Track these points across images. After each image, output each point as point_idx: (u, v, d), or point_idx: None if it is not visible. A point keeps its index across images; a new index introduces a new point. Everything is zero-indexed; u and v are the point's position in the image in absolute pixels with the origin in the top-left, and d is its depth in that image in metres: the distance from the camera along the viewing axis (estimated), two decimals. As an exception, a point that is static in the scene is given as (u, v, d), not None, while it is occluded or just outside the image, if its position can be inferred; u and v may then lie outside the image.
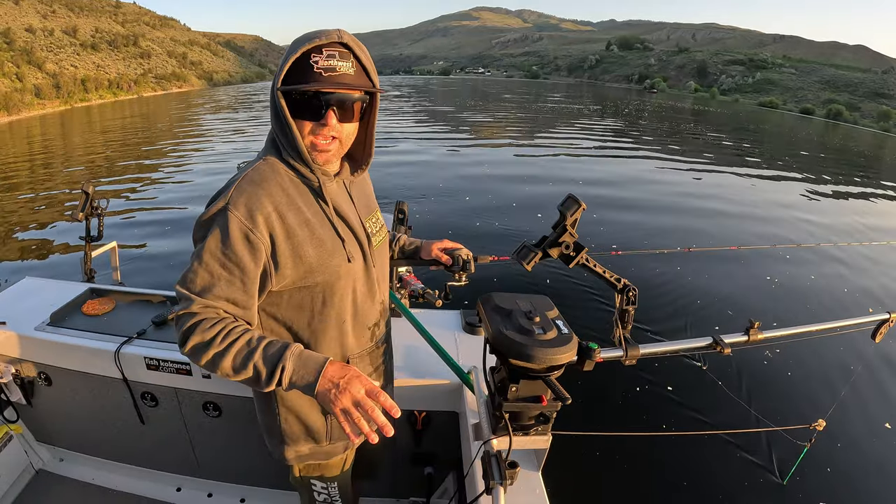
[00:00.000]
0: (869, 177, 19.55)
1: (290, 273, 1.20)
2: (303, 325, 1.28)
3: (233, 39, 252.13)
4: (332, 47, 1.13)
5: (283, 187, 1.20)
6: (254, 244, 1.14)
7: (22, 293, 2.47)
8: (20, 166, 17.32)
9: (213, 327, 1.12)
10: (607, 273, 1.50)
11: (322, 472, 1.49)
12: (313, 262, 1.21)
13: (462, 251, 1.72)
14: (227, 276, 1.14)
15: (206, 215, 1.16)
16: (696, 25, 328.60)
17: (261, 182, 1.17)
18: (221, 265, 1.14)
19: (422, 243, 1.77)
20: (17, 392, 2.33)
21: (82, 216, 2.90)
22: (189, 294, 1.14)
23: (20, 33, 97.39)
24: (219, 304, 1.14)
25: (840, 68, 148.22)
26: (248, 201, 1.14)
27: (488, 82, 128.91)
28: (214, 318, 1.13)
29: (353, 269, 1.30)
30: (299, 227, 1.19)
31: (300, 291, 1.25)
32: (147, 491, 2.43)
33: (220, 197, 1.16)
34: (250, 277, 1.16)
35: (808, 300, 6.50)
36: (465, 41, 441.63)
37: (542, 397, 1.23)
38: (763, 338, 1.70)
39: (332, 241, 1.25)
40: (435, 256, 1.72)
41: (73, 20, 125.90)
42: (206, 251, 1.13)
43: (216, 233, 1.13)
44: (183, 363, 2.05)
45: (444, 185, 11.78)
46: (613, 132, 26.33)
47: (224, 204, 1.14)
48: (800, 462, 3.18)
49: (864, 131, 68.19)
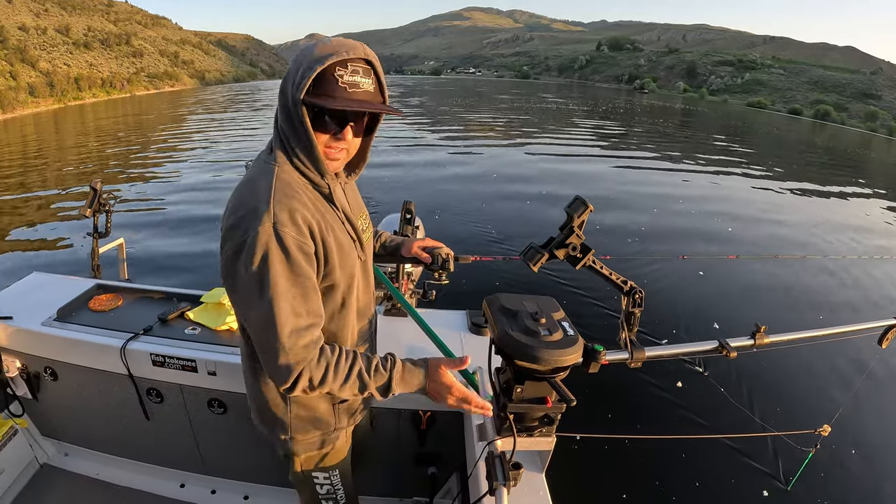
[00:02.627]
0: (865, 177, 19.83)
1: (322, 276, 1.23)
2: (326, 322, 1.28)
3: (224, 38, 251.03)
4: (357, 63, 1.14)
5: (308, 196, 1.21)
6: (308, 255, 1.15)
7: (29, 288, 2.49)
8: (23, 163, 17.38)
9: (320, 363, 1.17)
10: (614, 275, 1.50)
11: (323, 463, 1.49)
12: (337, 264, 1.24)
13: (442, 249, 1.73)
14: (302, 293, 1.14)
15: (258, 241, 1.10)
16: (687, 26, 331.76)
17: (293, 194, 1.16)
18: (293, 284, 1.13)
19: (403, 241, 1.76)
20: (22, 386, 2.33)
21: (90, 212, 2.91)
22: (286, 350, 1.13)
23: (13, 31, 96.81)
24: (310, 334, 1.16)
25: (829, 69, 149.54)
26: (293, 215, 1.13)
27: (479, 82, 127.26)
28: (320, 363, 1.17)
29: (359, 267, 1.35)
30: (327, 232, 1.21)
31: (324, 294, 1.26)
32: (151, 487, 2.44)
33: (263, 215, 1.11)
34: (316, 285, 1.20)
35: (815, 305, 6.58)
36: (456, 41, 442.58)
37: (547, 399, 1.24)
38: (769, 342, 1.68)
39: (347, 243, 1.29)
40: (415, 254, 1.73)
41: (66, 18, 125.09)
42: (276, 285, 1.11)
43: (277, 256, 1.11)
44: (188, 360, 2.05)
45: (444, 185, 11.88)
46: (607, 134, 26.58)
47: (272, 223, 1.10)
48: (804, 468, 3.13)
49: (850, 131, 69.37)
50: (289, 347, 1.12)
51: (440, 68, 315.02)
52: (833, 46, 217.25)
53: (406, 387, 1.25)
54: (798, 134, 46.76)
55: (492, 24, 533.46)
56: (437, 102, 46.78)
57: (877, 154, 35.76)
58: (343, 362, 1.19)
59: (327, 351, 1.19)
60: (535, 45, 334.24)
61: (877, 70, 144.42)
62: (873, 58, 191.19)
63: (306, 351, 1.14)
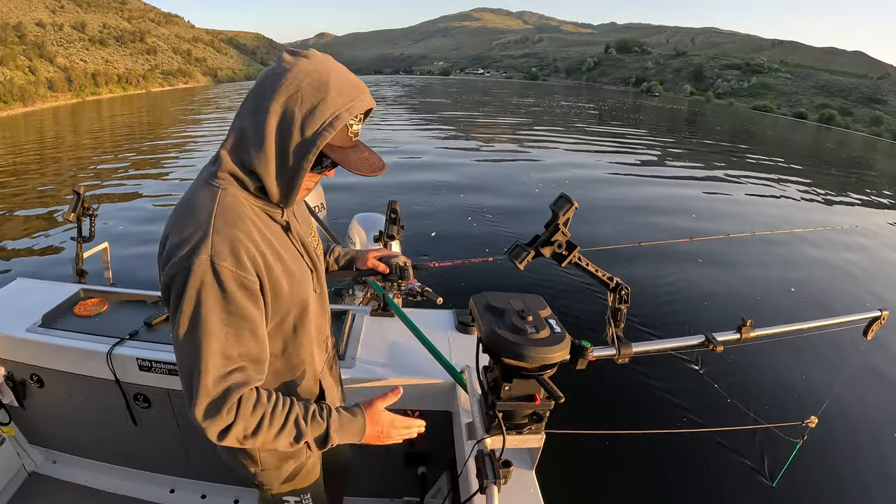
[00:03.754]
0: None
1: (271, 310, 1.13)
2: (277, 354, 1.23)
3: (235, 37, 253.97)
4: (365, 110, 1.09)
5: (254, 223, 1.09)
6: (251, 290, 1.04)
7: (13, 294, 2.44)
8: (14, 162, 17.11)
9: (255, 412, 1.06)
10: (599, 272, 1.50)
11: (294, 486, 1.43)
12: (286, 295, 1.15)
13: (399, 258, 1.70)
14: (236, 333, 1.03)
15: (193, 280, 0.99)
16: (696, 29, 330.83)
17: (236, 222, 1.04)
18: (226, 324, 1.02)
19: (356, 253, 1.71)
20: (8, 394, 2.29)
21: (73, 217, 2.88)
22: (211, 396, 1.01)
23: (31, 27, 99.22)
24: (240, 378, 1.04)
25: (836, 74, 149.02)
26: (234, 246, 1.01)
27: (488, 83, 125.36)
28: (248, 400, 1.05)
29: (313, 296, 1.28)
30: (275, 263, 1.11)
31: (281, 324, 1.20)
32: (140, 493, 2.43)
33: (200, 246, 0.99)
34: (258, 324, 1.07)
35: (801, 298, 6.72)
36: (465, 42, 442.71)
37: (536, 396, 1.24)
38: (755, 335, 1.69)
39: (300, 272, 1.20)
40: (371, 266, 1.68)
41: (82, 15, 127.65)
42: (207, 324, 1.00)
43: (212, 292, 1.00)
44: (175, 364, 2.02)
45: (442, 186, 11.76)
46: (616, 135, 26.39)
47: (209, 256, 0.99)
48: (792, 459, 3.10)
49: (854, 135, 69.52)
50: (214, 394, 1.02)
51: (449, 69, 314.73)
52: (841, 51, 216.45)
53: (346, 435, 1.18)
54: (803, 136, 47.56)
55: (501, 25, 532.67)
56: (448, 102, 46.99)
57: (879, 157, 36.57)
58: (280, 409, 1.09)
59: (263, 398, 1.08)
60: (544, 46, 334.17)
61: (884, 75, 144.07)
62: (882, 63, 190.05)
63: (233, 396, 1.03)
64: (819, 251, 8.69)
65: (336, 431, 1.16)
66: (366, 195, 9.59)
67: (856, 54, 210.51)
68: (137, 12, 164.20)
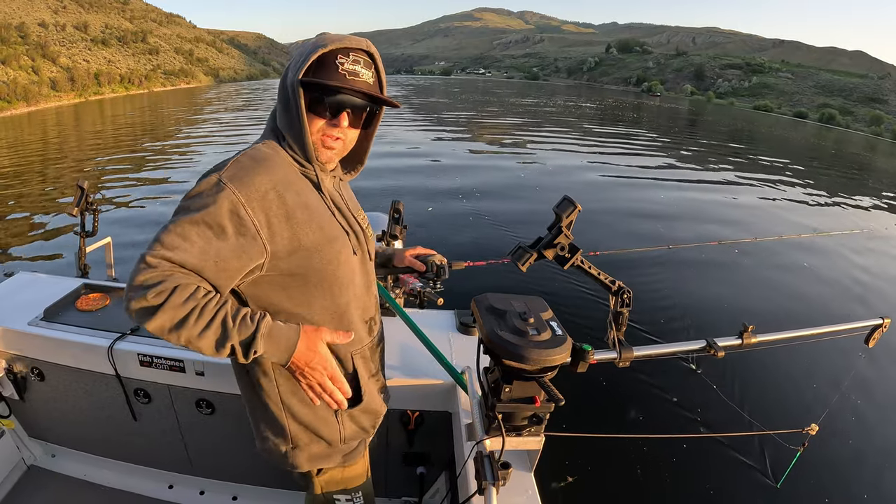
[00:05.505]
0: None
1: (285, 256, 1.14)
2: (294, 313, 1.22)
3: (236, 37, 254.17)
4: (359, 53, 1.14)
5: (283, 169, 1.15)
6: (244, 221, 1.05)
7: (15, 288, 2.45)
8: (17, 160, 17.38)
9: (186, 304, 1.01)
10: (602, 275, 1.50)
11: (345, 485, 1.42)
12: (311, 246, 1.16)
13: (436, 257, 1.69)
14: (202, 247, 1.03)
15: (196, 189, 1.07)
16: (698, 29, 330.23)
17: (261, 160, 1.12)
18: (198, 235, 1.03)
19: (394, 251, 1.71)
20: (9, 387, 2.30)
21: (77, 211, 2.89)
22: (154, 254, 1.01)
23: (33, 27, 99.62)
24: (190, 278, 1.03)
25: (837, 73, 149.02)
26: (246, 176, 1.07)
27: (489, 83, 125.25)
28: (183, 290, 1.01)
29: (354, 261, 1.28)
30: (299, 209, 1.13)
31: (295, 279, 1.19)
32: (139, 488, 2.42)
33: (215, 170, 1.08)
34: (229, 254, 1.06)
35: (803, 305, 6.71)
36: (466, 42, 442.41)
37: (536, 398, 1.23)
38: (756, 341, 1.68)
39: (330, 228, 1.21)
40: (409, 264, 1.68)
41: (84, 16, 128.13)
42: (186, 219, 1.03)
43: (203, 203, 1.04)
44: (176, 360, 2.03)
45: (442, 186, 11.78)
46: (620, 136, 26.43)
47: (217, 178, 1.06)
48: (792, 467, 3.07)
49: (855, 135, 69.69)
50: (156, 263, 1.01)
51: (450, 69, 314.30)
52: (842, 51, 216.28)
53: (273, 346, 1.09)
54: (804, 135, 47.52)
55: (502, 26, 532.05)
56: (450, 101, 46.88)
57: (877, 155, 36.72)
58: (211, 306, 1.04)
59: (200, 293, 1.04)
60: (545, 46, 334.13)
61: (885, 75, 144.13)
62: (883, 63, 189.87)
63: (169, 282, 1.00)
64: (822, 257, 8.66)
65: (265, 337, 1.07)
66: (368, 196, 9.31)
67: (857, 54, 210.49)
68: (139, 13, 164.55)
